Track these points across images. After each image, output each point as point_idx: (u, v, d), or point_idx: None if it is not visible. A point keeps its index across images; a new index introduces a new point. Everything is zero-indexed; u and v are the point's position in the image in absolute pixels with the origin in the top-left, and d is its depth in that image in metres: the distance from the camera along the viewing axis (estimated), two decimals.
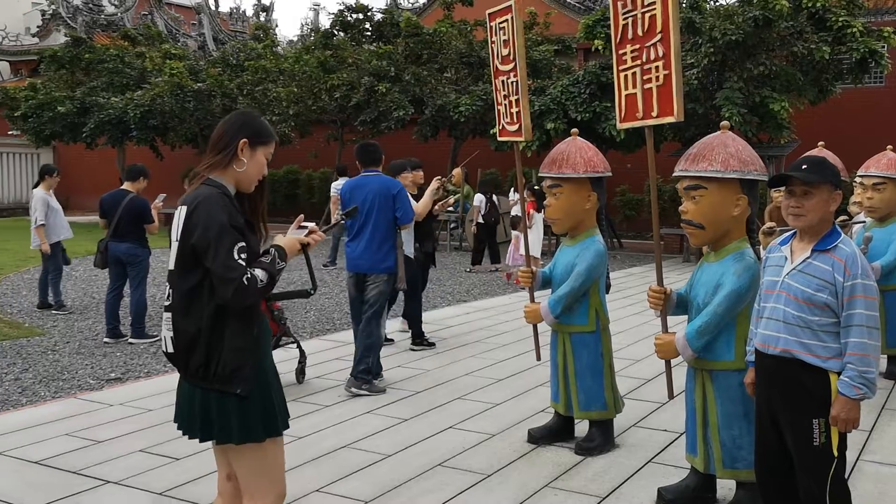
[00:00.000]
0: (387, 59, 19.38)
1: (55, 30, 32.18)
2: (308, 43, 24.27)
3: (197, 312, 2.52)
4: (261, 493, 2.64)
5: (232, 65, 23.36)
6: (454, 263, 15.04)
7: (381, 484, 4.07)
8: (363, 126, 19.41)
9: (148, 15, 32.44)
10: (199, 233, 2.48)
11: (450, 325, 8.65)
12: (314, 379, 6.23)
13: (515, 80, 4.55)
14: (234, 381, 2.52)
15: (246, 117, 2.73)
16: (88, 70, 24.07)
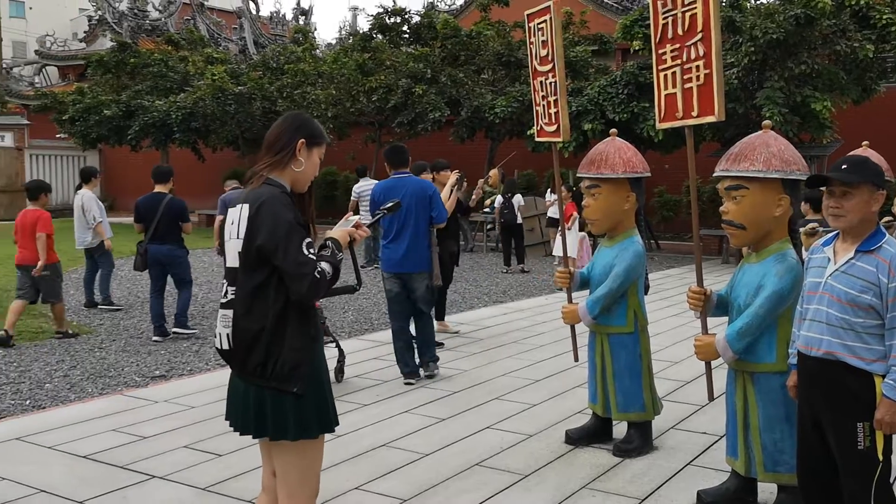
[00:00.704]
0: (424, 61, 19.47)
1: (101, 35, 32.95)
2: (346, 45, 24.48)
3: (261, 311, 2.56)
4: (300, 490, 2.68)
5: (272, 68, 23.67)
6: (490, 264, 15.04)
7: (418, 483, 4.10)
8: (400, 128, 19.52)
9: (191, 20, 33.01)
10: (267, 233, 2.52)
11: (487, 326, 8.66)
12: (353, 378, 6.29)
13: (554, 80, 4.55)
14: (291, 379, 2.56)
15: (302, 118, 2.78)
16: (133, 74, 24.59)
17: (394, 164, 6.47)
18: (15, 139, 26.73)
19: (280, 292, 2.56)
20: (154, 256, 7.91)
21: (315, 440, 2.67)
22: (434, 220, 6.31)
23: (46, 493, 3.95)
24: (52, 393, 5.90)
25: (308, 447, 2.65)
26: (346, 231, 2.76)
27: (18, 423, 5.13)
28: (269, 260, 2.54)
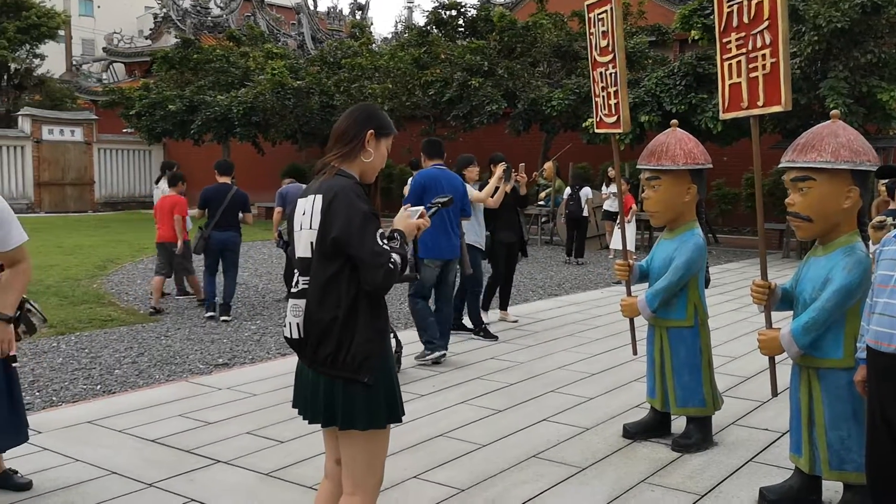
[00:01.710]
0: (480, 54, 19.46)
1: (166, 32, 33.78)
2: (403, 40, 24.61)
3: (334, 301, 2.57)
4: (366, 479, 2.69)
5: (329, 63, 23.95)
6: (545, 257, 14.99)
7: (476, 473, 4.13)
8: (456, 121, 19.55)
9: (251, 16, 33.59)
10: (343, 224, 2.53)
11: (541, 319, 8.65)
12: (409, 368, 6.36)
13: (614, 71, 4.52)
14: (362, 370, 2.57)
15: (371, 110, 2.79)
16: (196, 70, 25.15)
17: (432, 155, 6.79)
18: (84, 134, 27.62)
19: (353, 283, 2.57)
20: (218, 241, 8.46)
21: (383, 430, 2.69)
22: (464, 213, 6.83)
23: (118, 475, 4.10)
24: (121, 378, 6.11)
25: (376, 437, 2.67)
26: (414, 223, 2.77)
27: (90, 407, 5.32)
28: (345, 251, 2.55)
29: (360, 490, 2.69)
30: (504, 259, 8.40)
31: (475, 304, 7.74)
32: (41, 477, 4.03)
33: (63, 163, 27.00)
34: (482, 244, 7.75)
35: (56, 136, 26.82)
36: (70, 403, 5.46)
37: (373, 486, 2.73)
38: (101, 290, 10.50)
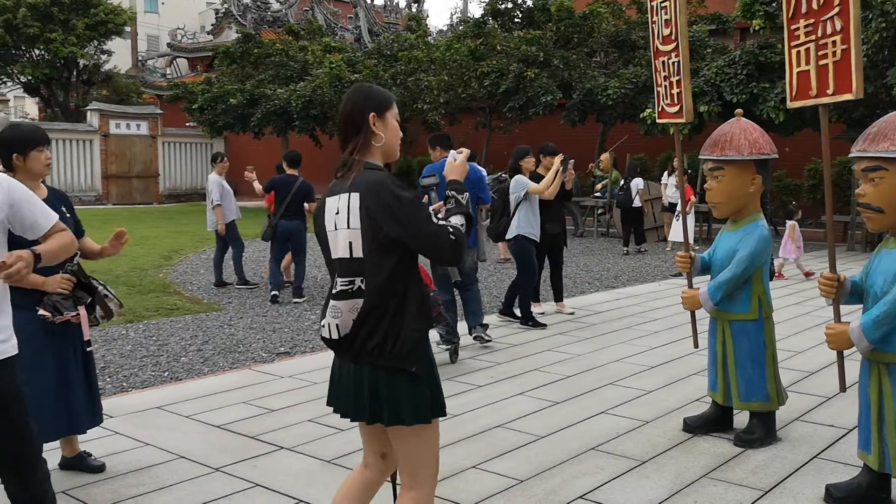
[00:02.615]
0: (536, 45, 19.33)
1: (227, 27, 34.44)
2: (458, 32, 24.61)
3: (390, 293, 2.53)
4: (424, 474, 2.67)
5: (386, 56, 24.09)
6: (601, 249, 14.86)
7: (535, 464, 4.14)
8: (511, 112, 19.49)
9: (309, 10, 34.00)
10: (393, 220, 2.47)
11: (599, 311, 8.59)
12: (467, 359, 6.39)
13: (677, 60, 4.45)
14: (409, 359, 2.54)
15: (361, 92, 2.69)
16: (257, 64, 25.58)
17: (445, 147, 7.05)
18: (149, 128, 28.36)
19: (404, 276, 2.54)
20: (285, 230, 8.99)
21: (434, 424, 2.66)
22: (482, 201, 7.07)
23: (186, 459, 4.23)
24: (187, 366, 6.29)
25: (425, 431, 2.63)
26: (461, 164, 2.77)
27: (158, 393, 5.50)
28: (403, 244, 2.51)
29: (418, 483, 2.66)
30: (549, 250, 8.41)
31: (525, 294, 7.75)
32: (114, 459, 4.18)
33: (129, 156, 27.80)
34: (537, 236, 7.74)
35: (123, 130, 27.60)
36: (139, 389, 5.65)
37: (429, 479, 2.70)
38: (166, 279, 10.81)
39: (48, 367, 3.80)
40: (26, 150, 3.76)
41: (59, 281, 3.75)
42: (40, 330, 3.76)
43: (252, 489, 3.85)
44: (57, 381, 3.83)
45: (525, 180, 7.68)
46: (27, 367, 3.75)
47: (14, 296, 3.77)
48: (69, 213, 3.98)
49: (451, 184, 2.72)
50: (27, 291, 3.73)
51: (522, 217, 7.63)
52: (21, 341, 3.76)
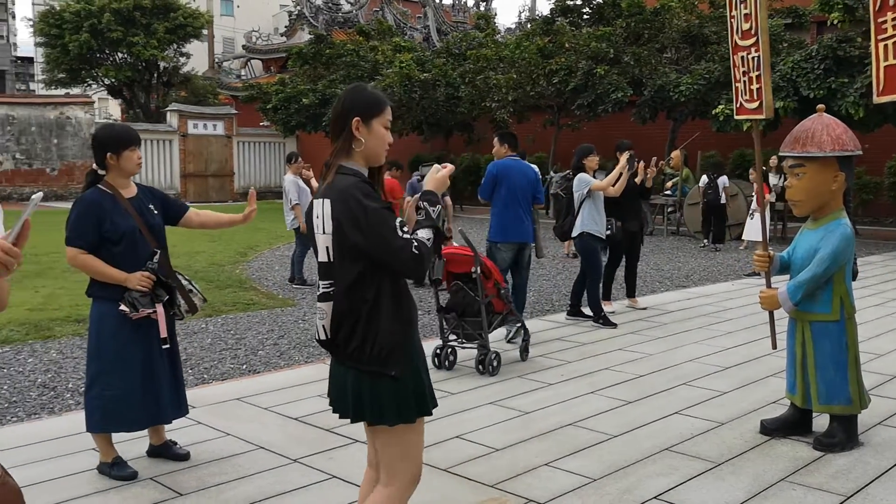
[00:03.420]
0: (606, 41, 19.12)
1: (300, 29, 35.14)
2: (527, 30, 24.53)
3: (358, 301, 2.54)
4: (401, 474, 2.66)
5: (454, 54, 24.21)
6: (672, 248, 14.63)
7: (608, 463, 4.13)
8: (580, 110, 19.34)
9: (379, 11, 34.39)
10: (357, 230, 2.47)
11: (670, 311, 8.47)
12: (537, 357, 6.40)
13: (757, 55, 4.36)
14: (388, 363, 2.53)
15: (352, 95, 2.65)
16: (328, 64, 26.05)
17: (512, 146, 7.32)
18: (225, 128, 29.16)
19: (375, 281, 2.54)
20: None
21: (414, 424, 2.64)
22: (537, 200, 7.26)
23: (265, 450, 4.36)
24: (264, 359, 6.48)
25: (408, 431, 2.63)
26: (443, 175, 2.68)
27: (237, 385, 5.68)
28: (366, 254, 2.50)
29: (396, 481, 2.66)
30: (626, 247, 8.40)
31: (594, 292, 7.72)
32: (197, 448, 4.34)
33: (206, 155, 28.66)
34: (601, 233, 7.72)
35: (200, 130, 28.47)
36: (219, 381, 5.84)
37: (409, 478, 2.68)
38: (242, 275, 11.12)
39: (135, 359, 3.96)
40: (120, 149, 3.93)
41: (139, 278, 3.90)
42: (126, 324, 3.92)
43: (329, 480, 3.94)
44: (144, 374, 3.97)
45: (588, 178, 7.66)
46: (115, 360, 3.95)
47: (97, 289, 3.98)
48: (157, 211, 4.14)
49: (425, 194, 2.62)
50: (110, 286, 3.90)
51: (586, 215, 7.62)
52: (108, 335, 3.96)
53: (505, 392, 5.44)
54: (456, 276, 6.17)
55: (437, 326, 6.47)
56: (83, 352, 6.38)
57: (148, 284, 3.93)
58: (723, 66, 16.71)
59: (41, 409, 5.16)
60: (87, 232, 3.85)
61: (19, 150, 26.44)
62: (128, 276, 3.89)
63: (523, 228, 7.10)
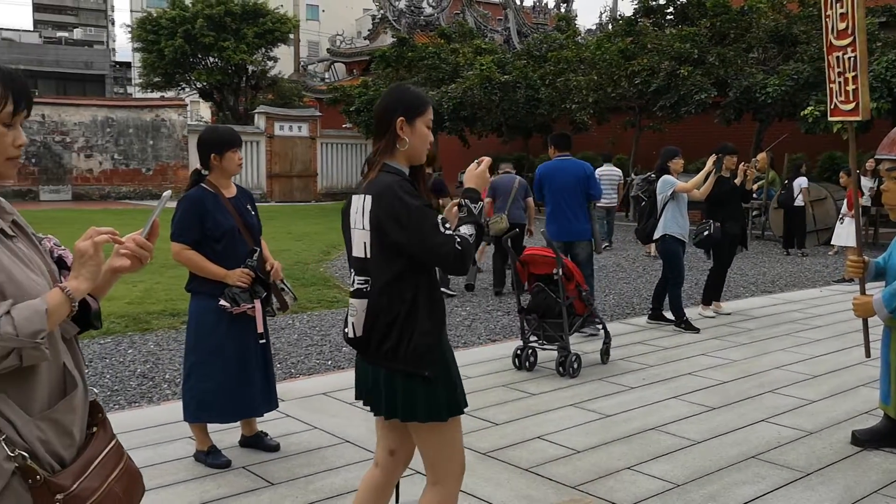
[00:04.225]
0: (690, 42, 18.75)
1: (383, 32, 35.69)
2: (609, 31, 24.27)
3: (397, 300, 2.56)
4: (446, 470, 2.70)
5: (535, 56, 24.14)
6: (756, 252, 14.25)
7: (692, 469, 4.09)
8: (662, 111, 19.02)
9: (460, 13, 34.58)
10: (398, 227, 2.50)
11: (755, 316, 8.28)
12: (618, 360, 6.36)
13: (853, 55, 4.24)
14: (423, 363, 2.56)
15: (397, 94, 2.70)
16: (410, 67, 26.34)
17: (560, 147, 7.49)
18: (309, 129, 29.87)
19: (412, 279, 2.57)
20: None
21: (450, 421, 2.66)
22: (591, 197, 7.37)
23: (350, 444, 4.49)
24: (348, 356, 6.64)
25: (442, 427, 2.65)
26: (481, 172, 2.71)
27: (323, 380, 5.85)
28: (407, 252, 2.53)
29: (442, 479, 2.70)
30: (727, 250, 8.30)
31: (676, 295, 7.63)
32: (286, 440, 4.50)
33: (291, 156, 29.43)
34: (685, 236, 7.63)
35: (286, 131, 29.26)
36: (306, 376, 6.03)
37: (454, 475, 2.72)
38: (326, 273, 11.39)
39: (230, 353, 4.12)
40: (223, 150, 4.11)
41: (239, 274, 4.06)
42: (224, 319, 4.08)
43: (412, 476, 4.02)
44: (238, 368, 4.13)
45: (672, 179, 7.58)
46: (212, 353, 4.13)
47: (197, 284, 4.17)
48: (254, 211, 4.32)
49: (467, 191, 2.67)
50: (209, 282, 4.07)
51: (669, 217, 7.54)
52: (206, 329, 4.14)
53: (586, 394, 5.45)
54: (537, 278, 6.20)
55: (518, 328, 6.51)
56: (178, 344, 6.71)
57: (247, 281, 4.08)
58: (812, 67, 16.17)
59: (141, 398, 5.43)
60: (191, 228, 4.03)
61: (117, 150, 27.73)
62: (228, 272, 4.04)
63: (569, 227, 7.31)
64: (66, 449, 1.79)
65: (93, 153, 27.37)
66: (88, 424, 1.90)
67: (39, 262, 1.82)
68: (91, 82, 45.04)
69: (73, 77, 44.08)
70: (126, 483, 1.91)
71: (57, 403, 1.78)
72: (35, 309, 1.65)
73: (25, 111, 1.79)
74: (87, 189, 27.12)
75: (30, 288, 1.69)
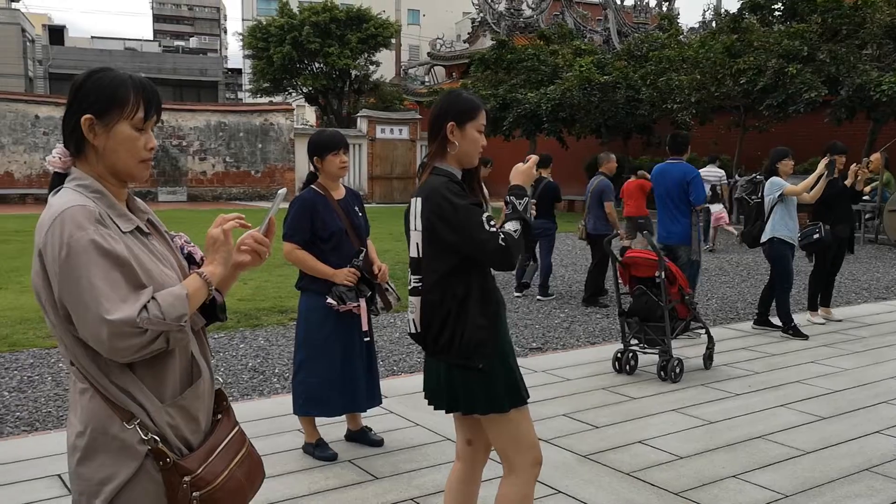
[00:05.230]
0: (799, 39, 18.02)
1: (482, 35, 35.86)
2: (712, 28, 23.59)
3: (449, 296, 2.68)
4: (518, 460, 2.77)
5: (636, 56, 23.73)
6: (869, 257, 13.60)
7: (801, 479, 3.99)
8: (769, 110, 18.36)
9: (559, 15, 34.34)
10: (445, 226, 2.63)
11: (869, 323, 7.94)
12: (721, 366, 6.23)
13: None
14: (475, 355, 2.66)
15: (449, 99, 2.81)
16: (509, 69, 26.35)
17: (670, 150, 7.56)
18: (409, 132, 30.35)
19: (463, 274, 2.68)
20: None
21: (513, 412, 2.72)
22: (692, 202, 7.29)
23: (452, 442, 4.52)
24: None
25: (506, 419, 2.73)
26: (527, 169, 2.77)
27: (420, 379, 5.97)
28: (455, 250, 2.65)
29: (515, 469, 2.77)
30: (833, 253, 8.01)
31: (784, 301, 7.40)
32: (389, 436, 4.62)
33: (391, 158, 29.98)
34: (794, 239, 7.39)
35: (387, 134, 29.84)
36: (407, 374, 6.17)
37: (529, 463, 2.77)
38: None
39: (335, 350, 4.27)
40: (323, 154, 4.26)
41: (346, 274, 4.20)
42: (330, 317, 4.23)
43: None
44: (343, 363, 4.28)
45: (781, 181, 7.35)
46: (319, 349, 4.29)
47: (306, 282, 4.34)
48: (361, 213, 4.46)
49: (513, 189, 2.73)
50: (318, 280, 4.22)
51: (778, 219, 7.33)
52: (314, 326, 4.31)
53: (688, 400, 5.37)
54: (639, 281, 6.14)
55: (618, 330, 6.47)
56: (287, 340, 7.00)
57: (353, 280, 4.23)
58: None
59: (252, 391, 5.69)
60: (302, 229, 4.20)
61: (229, 153, 28.97)
62: (335, 271, 4.20)
63: (669, 230, 7.42)
64: (193, 434, 1.92)
65: (206, 156, 28.69)
66: (213, 411, 2.03)
67: (171, 258, 1.96)
68: (205, 88, 47.14)
69: (189, 84, 46.26)
70: (248, 468, 2.03)
71: (185, 391, 1.90)
72: (176, 294, 1.78)
73: (155, 117, 1.93)
74: (201, 190, 28.42)
75: (164, 282, 1.83)
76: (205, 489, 1.85)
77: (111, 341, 1.70)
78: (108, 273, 1.72)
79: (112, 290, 1.71)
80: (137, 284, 1.76)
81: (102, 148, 1.86)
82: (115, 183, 1.90)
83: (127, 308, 1.70)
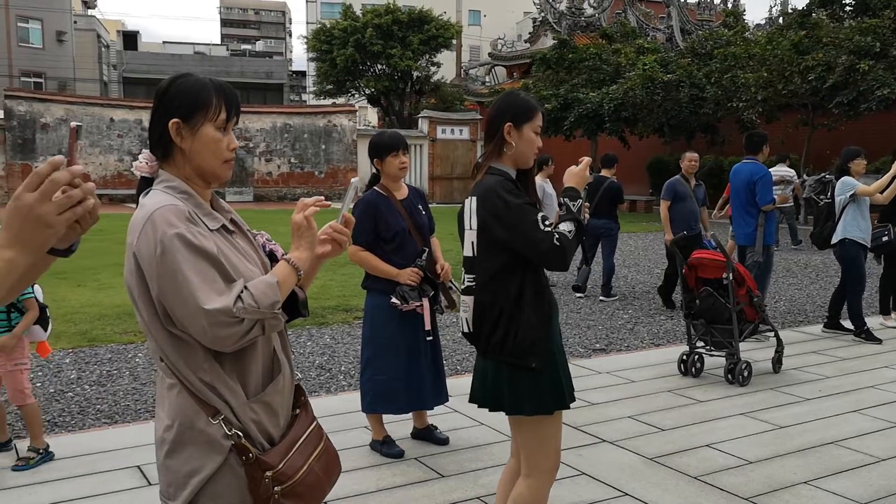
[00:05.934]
0: (871, 34, 17.43)
1: (543, 35, 35.68)
2: (780, 25, 22.98)
3: (502, 293, 2.69)
4: (543, 463, 2.78)
5: (700, 54, 23.29)
6: None
7: (876, 487, 3.90)
8: (838, 108, 17.80)
9: (622, 13, 33.95)
10: (499, 224, 2.65)
11: None
12: (791, 370, 6.11)
13: None
14: (529, 355, 2.68)
15: (507, 100, 2.83)
16: (570, 69, 26.19)
17: (745, 149, 7.48)
18: (470, 132, 30.42)
19: (517, 274, 2.68)
20: (592, 228, 9.22)
21: (551, 416, 2.74)
22: (758, 203, 7.19)
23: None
24: None
25: (544, 422, 2.74)
26: (581, 171, 2.80)
27: None
28: (509, 247, 2.66)
29: (535, 472, 2.77)
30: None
31: (856, 304, 7.21)
32: (455, 435, 4.67)
33: (452, 159, 30.10)
34: (866, 240, 7.18)
35: (447, 135, 29.98)
36: (471, 373, 6.19)
37: (547, 470, 2.78)
38: None
39: (401, 349, 4.33)
40: (383, 155, 4.33)
41: (409, 273, 4.26)
42: (395, 316, 4.30)
43: (579, 477, 4.10)
44: (409, 362, 4.33)
45: (852, 181, 7.16)
46: (385, 347, 4.37)
47: (371, 282, 4.41)
48: (425, 211, 4.52)
49: (567, 191, 2.75)
50: (382, 280, 4.29)
51: (849, 220, 7.13)
52: (380, 324, 4.39)
53: (756, 404, 5.28)
54: (706, 282, 6.07)
55: (683, 332, 6.39)
56: (352, 338, 7.13)
57: (417, 280, 4.28)
58: None
59: (319, 388, 5.81)
60: (365, 230, 4.27)
61: (293, 154, 29.51)
62: (399, 271, 4.26)
63: (737, 231, 7.45)
64: (275, 428, 1.97)
65: (272, 157, 29.27)
66: (293, 406, 2.08)
67: (254, 255, 2.03)
68: (271, 91, 48.08)
69: (255, 86, 47.23)
70: (325, 462, 2.09)
71: (267, 386, 1.96)
72: (267, 282, 1.85)
73: (236, 118, 2.01)
74: (267, 191, 29.01)
75: (250, 278, 1.88)
76: (286, 483, 1.89)
77: (213, 331, 1.76)
78: (201, 267, 1.79)
79: (206, 283, 1.77)
80: (229, 278, 1.82)
81: (189, 150, 1.93)
82: (200, 184, 1.99)
83: (223, 299, 1.76)
